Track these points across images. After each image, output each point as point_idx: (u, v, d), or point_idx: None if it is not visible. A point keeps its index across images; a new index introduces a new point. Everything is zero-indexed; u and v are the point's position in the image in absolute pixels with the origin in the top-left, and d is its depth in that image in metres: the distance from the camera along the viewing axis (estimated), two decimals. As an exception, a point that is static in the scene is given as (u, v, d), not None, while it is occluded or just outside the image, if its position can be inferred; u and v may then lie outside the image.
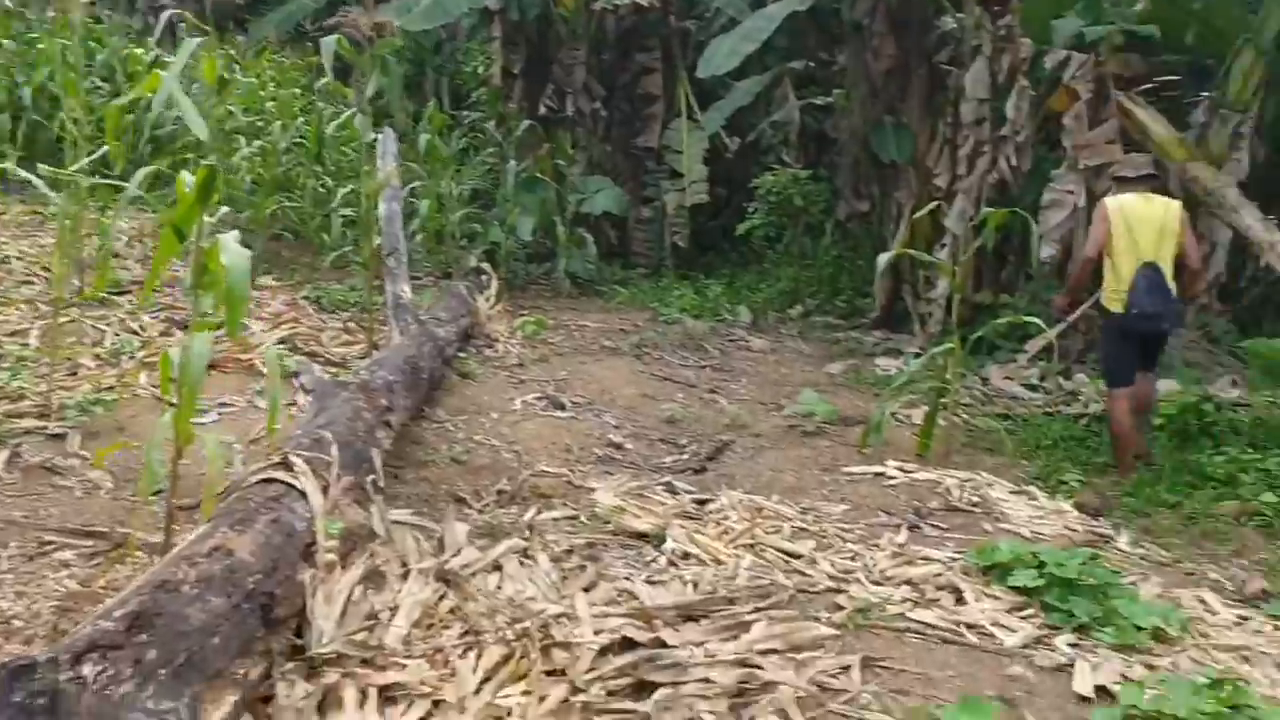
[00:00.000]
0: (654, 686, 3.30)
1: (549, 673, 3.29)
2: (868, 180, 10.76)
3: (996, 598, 4.63)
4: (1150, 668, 4.08)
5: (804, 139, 12.41)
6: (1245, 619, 4.87)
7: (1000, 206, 7.69)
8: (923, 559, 5.06)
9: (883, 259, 6.77)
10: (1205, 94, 9.33)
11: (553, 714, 3.07)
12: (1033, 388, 8.48)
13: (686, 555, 4.86)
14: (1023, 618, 4.46)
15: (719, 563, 4.77)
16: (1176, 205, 6.87)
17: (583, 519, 5.17)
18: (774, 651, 3.71)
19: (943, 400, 6.84)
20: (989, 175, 8.87)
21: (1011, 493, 6.25)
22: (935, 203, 8.21)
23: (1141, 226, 6.71)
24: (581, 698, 3.15)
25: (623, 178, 13.13)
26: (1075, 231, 8.85)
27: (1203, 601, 4.97)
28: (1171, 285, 6.70)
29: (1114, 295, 6.78)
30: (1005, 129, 8.83)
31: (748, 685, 3.43)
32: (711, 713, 3.21)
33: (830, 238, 12.00)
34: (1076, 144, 8.36)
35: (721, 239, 13.11)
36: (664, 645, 3.54)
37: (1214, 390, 7.79)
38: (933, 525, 5.65)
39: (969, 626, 4.30)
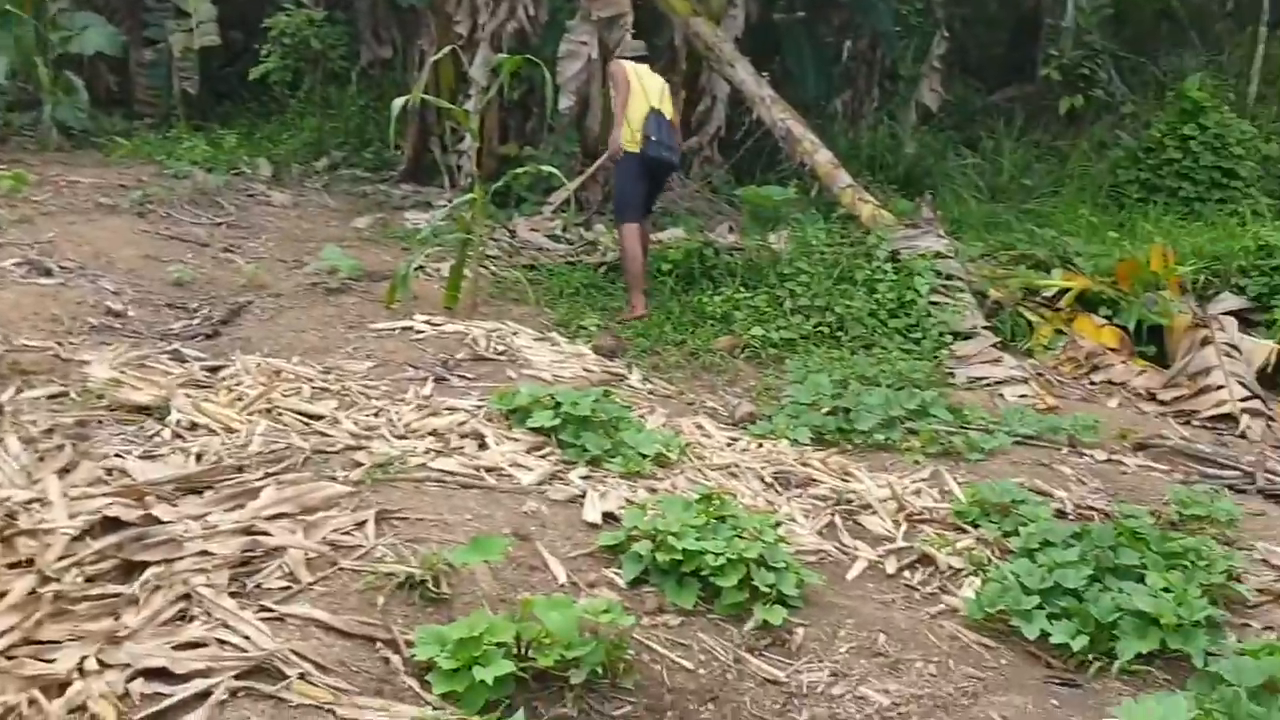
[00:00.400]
0: (145, 566, 3.05)
1: (13, 565, 2.93)
2: (388, 24, 10.35)
3: (517, 440, 4.76)
4: (652, 490, 4.39)
5: (325, -21, 11.67)
6: (735, 440, 5.40)
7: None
8: (448, 409, 5.08)
9: (396, 104, 6.55)
10: (707, -48, 9.81)
11: (17, 609, 2.73)
12: (556, 238, 8.73)
13: (194, 426, 4.52)
14: (540, 456, 4.63)
15: (231, 431, 4.48)
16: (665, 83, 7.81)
17: (73, 395, 4.64)
18: (284, 515, 3.56)
19: (468, 252, 6.85)
20: (508, 23, 8.83)
21: (535, 340, 6.44)
22: (449, 47, 8.05)
23: (649, 85, 7.43)
24: (54, 587, 2.83)
25: (118, 15, 11.73)
26: (591, 83, 9.10)
27: (700, 427, 5.44)
28: None
29: (630, 140, 7.32)
30: (523, -24, 8.81)
31: (253, 553, 3.27)
32: (210, 585, 3.02)
33: (355, 86, 11.49)
34: (589, -5, 8.52)
35: (239, 86, 12.16)
36: (157, 522, 3.27)
37: (714, 236, 8.44)
38: (459, 376, 5.68)
39: (489, 470, 4.38)
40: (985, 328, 7.17)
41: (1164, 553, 3.84)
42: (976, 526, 4.38)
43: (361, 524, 3.62)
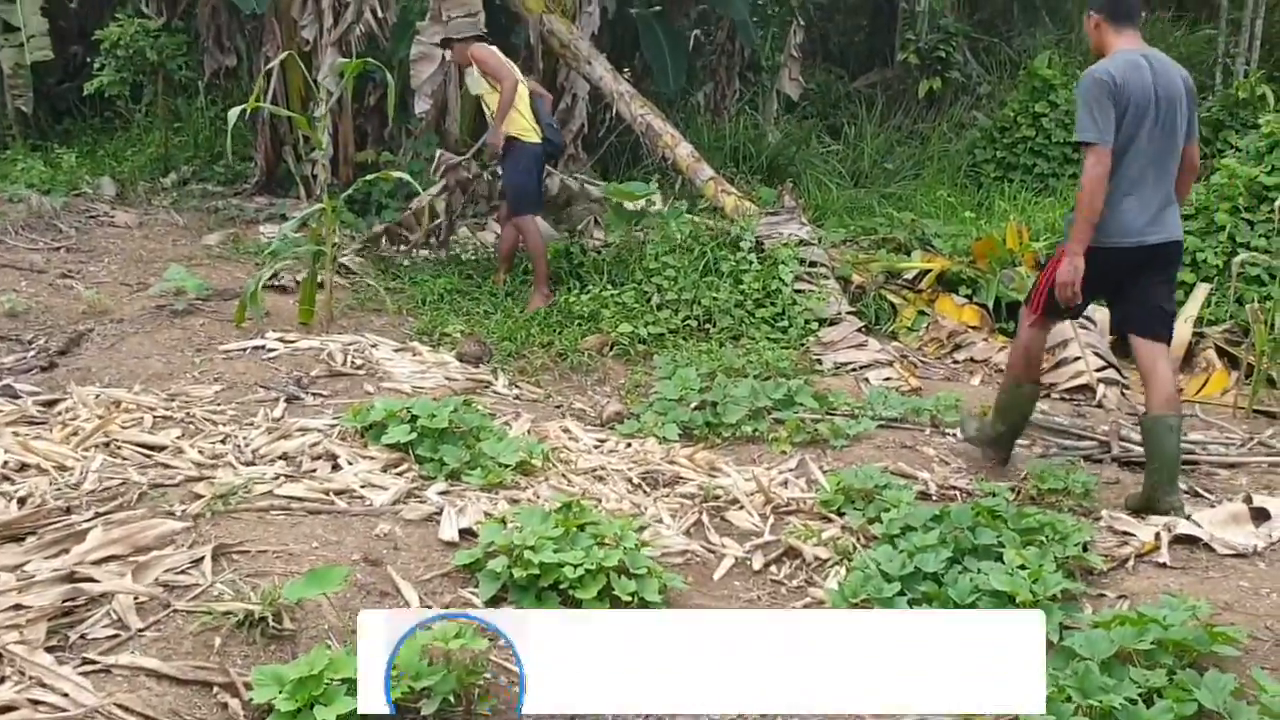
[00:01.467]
0: (-52, 629, 2.83)
1: None
2: (230, 32, 9.99)
3: (372, 458, 4.61)
4: (514, 501, 4.29)
5: (163, -12, 11.19)
6: (603, 441, 5.30)
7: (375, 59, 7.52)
8: (299, 430, 4.90)
9: (233, 114, 6.28)
10: (558, -53, 9.69)
11: None
12: (420, 245, 8.50)
13: (23, 467, 4.28)
14: (397, 474, 4.48)
15: (63, 469, 4.25)
16: None
17: (-116, 444, 4.34)
18: (113, 558, 3.36)
19: (321, 264, 6.62)
20: (355, 27, 8.57)
21: (396, 351, 6.26)
22: (286, 53, 7.78)
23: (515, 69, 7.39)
24: None
25: (-58, 33, 11.07)
26: (448, 85, 8.91)
27: (567, 431, 5.34)
28: None
29: (528, 129, 7.22)
30: (368, -23, 8.56)
31: (75, 602, 3.06)
32: (23, 642, 2.81)
33: (204, 97, 11.08)
34: (437, -5, 8.32)
35: (80, 103, 11.60)
36: (-35, 578, 3.04)
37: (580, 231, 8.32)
38: (314, 394, 5.49)
39: (339, 493, 4.23)
40: (850, 313, 7.21)
41: (1020, 529, 3.88)
42: (842, 515, 4.36)
43: (198, 561, 3.45)
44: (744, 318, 7.02)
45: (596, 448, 5.20)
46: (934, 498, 4.64)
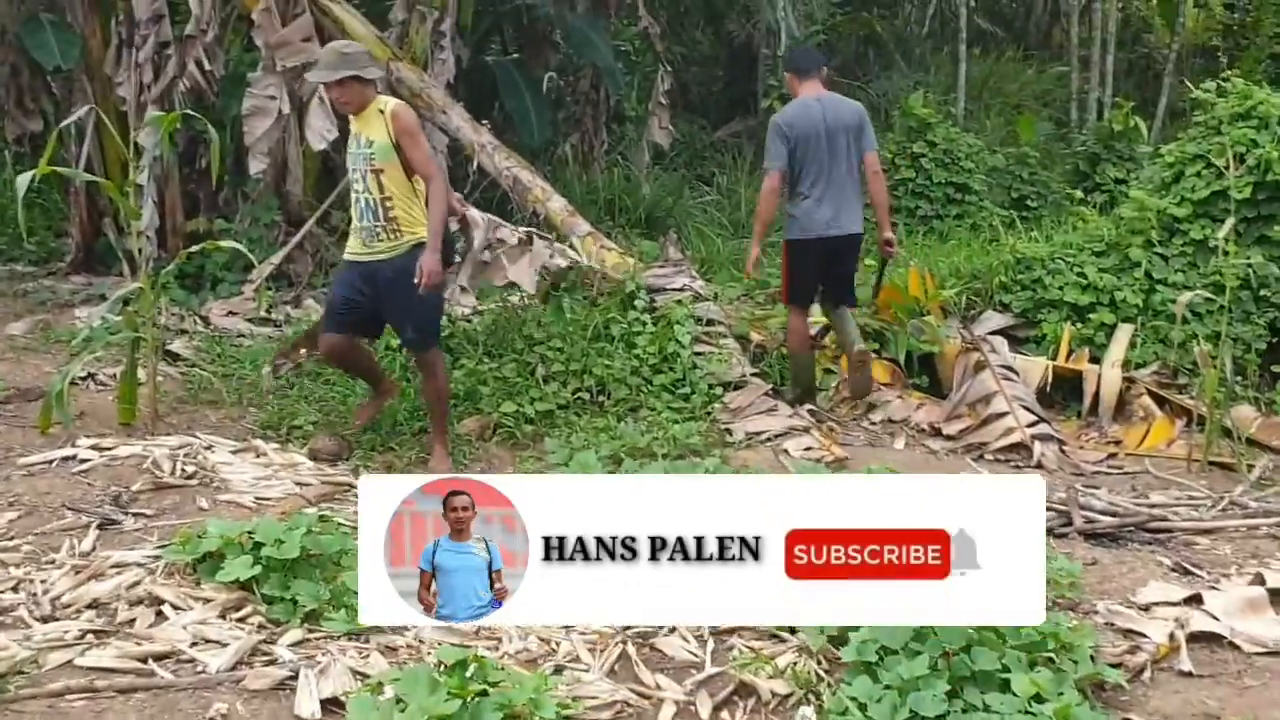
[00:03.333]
0: None
1: None
2: (35, 93, 8.84)
3: (207, 599, 3.68)
4: (391, 650, 3.41)
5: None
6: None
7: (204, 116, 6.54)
8: (114, 568, 3.94)
9: (21, 180, 5.25)
10: (405, -9, 8.88)
11: None
12: (263, 321, 7.52)
13: None
14: (238, 621, 3.56)
15: None
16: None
17: None
18: None
19: (140, 354, 5.60)
20: (179, 81, 7.57)
21: (235, 452, 5.28)
22: (87, 107, 6.77)
23: None
24: None
25: None
26: (288, 142, 7.99)
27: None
28: None
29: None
30: (190, 27, 7.56)
31: None
32: None
33: (12, 167, 9.84)
34: (270, 43, 7.40)
35: None
36: None
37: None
38: (135, 514, 4.51)
39: (162, 657, 3.30)
40: (754, 375, 6.53)
41: (1022, 646, 3.17)
42: (794, 631, 3.59)
43: (-50, 797, 2.47)
44: (641, 386, 6.25)
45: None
46: (894, 597, 3.91)
